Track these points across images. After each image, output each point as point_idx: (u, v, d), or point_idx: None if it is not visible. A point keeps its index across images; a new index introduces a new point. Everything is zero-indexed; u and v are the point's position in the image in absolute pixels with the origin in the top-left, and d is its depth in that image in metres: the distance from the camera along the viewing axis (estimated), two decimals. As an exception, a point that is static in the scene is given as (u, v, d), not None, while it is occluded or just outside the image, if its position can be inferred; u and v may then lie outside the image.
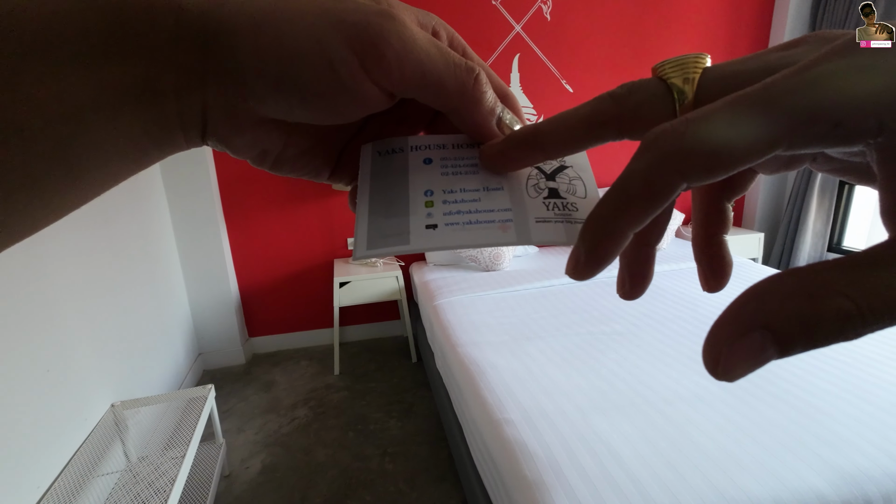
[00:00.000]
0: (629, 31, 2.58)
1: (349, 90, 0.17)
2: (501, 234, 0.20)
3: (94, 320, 1.43)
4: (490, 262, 2.30)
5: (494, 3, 2.39)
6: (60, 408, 1.20)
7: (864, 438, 0.97)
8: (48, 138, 0.14)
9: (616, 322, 1.64)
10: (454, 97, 0.19)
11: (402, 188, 0.21)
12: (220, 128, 0.18)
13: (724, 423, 1.04)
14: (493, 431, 1.09)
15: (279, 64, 0.16)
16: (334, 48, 0.16)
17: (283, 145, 0.21)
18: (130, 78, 0.15)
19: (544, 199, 0.21)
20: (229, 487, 1.58)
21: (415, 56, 0.17)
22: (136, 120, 0.16)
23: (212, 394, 1.49)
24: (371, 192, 0.21)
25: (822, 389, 1.15)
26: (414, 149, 0.22)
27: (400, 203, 0.21)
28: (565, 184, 0.21)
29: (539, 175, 0.21)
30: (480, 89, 0.19)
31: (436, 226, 0.20)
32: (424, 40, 0.18)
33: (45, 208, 0.15)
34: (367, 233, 0.20)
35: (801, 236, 2.74)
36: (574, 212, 0.21)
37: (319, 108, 0.18)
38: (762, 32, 2.78)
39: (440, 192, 0.21)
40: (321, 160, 0.23)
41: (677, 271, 2.20)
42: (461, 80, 0.18)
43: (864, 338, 1.41)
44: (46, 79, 0.13)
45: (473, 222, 0.20)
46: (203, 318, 2.40)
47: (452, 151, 0.22)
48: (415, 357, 2.43)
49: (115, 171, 0.16)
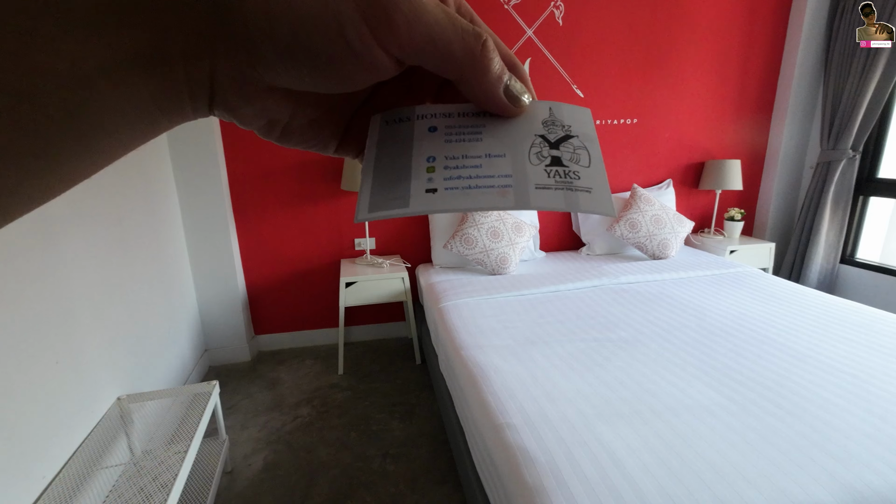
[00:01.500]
0: (641, 36, 2.57)
1: (358, 55, 0.17)
2: (500, 198, 0.20)
3: (104, 315, 1.45)
4: (496, 266, 2.30)
5: (507, 8, 2.40)
6: (68, 399, 1.22)
7: (872, 454, 0.95)
8: (59, 104, 0.14)
9: (622, 329, 1.62)
10: (462, 63, 0.19)
11: (405, 155, 0.22)
12: (229, 96, 0.18)
13: (729, 434, 1.03)
14: (495, 435, 1.08)
15: (289, 28, 0.16)
16: (344, 12, 0.16)
17: (290, 115, 0.21)
18: (140, 43, 0.15)
19: (546, 167, 0.21)
20: (231, 483, 1.59)
21: (424, 21, 0.17)
22: (144, 86, 0.16)
23: (216, 390, 1.51)
24: (376, 159, 0.22)
25: (832, 403, 1.13)
26: (420, 117, 0.23)
27: (403, 168, 0.21)
28: (569, 152, 0.22)
29: (543, 143, 0.22)
30: (488, 56, 0.19)
31: (435, 189, 0.20)
32: (433, 6, 0.18)
33: (56, 174, 0.15)
34: (370, 196, 0.20)
35: (813, 247, 2.69)
36: (576, 180, 0.21)
37: (329, 74, 0.18)
38: (777, 37, 2.75)
39: (442, 158, 0.21)
40: (329, 131, 0.24)
41: (685, 279, 2.18)
42: (469, 46, 0.18)
43: (876, 352, 1.38)
44: (58, 43, 0.13)
45: (473, 187, 0.20)
46: (210, 315, 2.42)
47: (458, 120, 0.23)
48: (419, 359, 2.43)
49: (125, 139, 0.16)
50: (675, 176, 2.85)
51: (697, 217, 2.97)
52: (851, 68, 2.45)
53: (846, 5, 2.47)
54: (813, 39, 2.66)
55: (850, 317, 1.66)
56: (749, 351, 1.42)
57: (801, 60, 2.69)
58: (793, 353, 1.40)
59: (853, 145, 2.56)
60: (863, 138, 2.53)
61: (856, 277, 2.67)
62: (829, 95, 2.60)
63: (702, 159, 2.85)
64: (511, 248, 2.31)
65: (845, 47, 2.49)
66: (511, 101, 0.21)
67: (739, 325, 1.61)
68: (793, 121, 2.80)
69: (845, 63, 2.50)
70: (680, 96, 2.72)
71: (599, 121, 2.66)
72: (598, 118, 2.65)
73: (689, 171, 2.87)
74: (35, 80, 0.13)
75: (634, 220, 2.48)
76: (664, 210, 2.52)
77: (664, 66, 2.65)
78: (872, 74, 2.36)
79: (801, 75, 2.72)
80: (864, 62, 2.39)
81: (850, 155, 2.56)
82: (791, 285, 2.05)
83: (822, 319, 1.64)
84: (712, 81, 2.73)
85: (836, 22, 2.54)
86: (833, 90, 2.57)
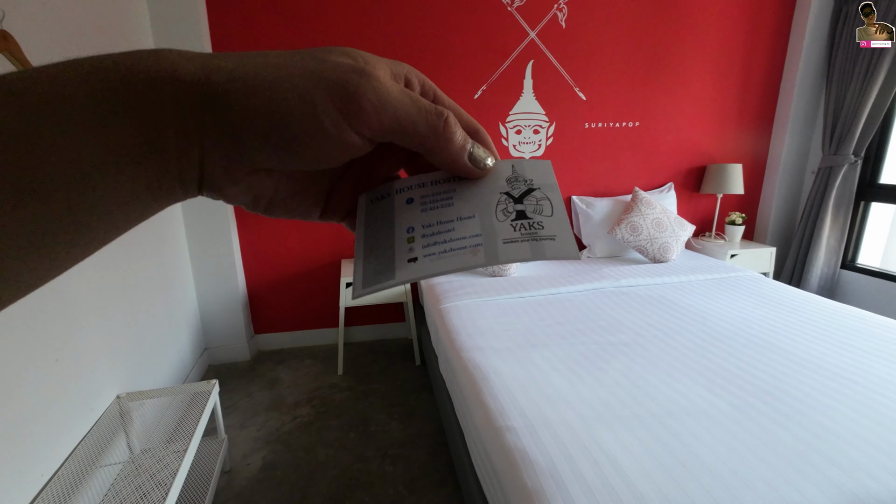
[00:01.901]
0: (643, 40, 2.57)
1: (333, 139, 0.19)
2: (472, 257, 0.22)
3: (105, 312, 1.45)
4: (497, 267, 2.30)
5: (510, 10, 2.40)
6: (67, 397, 1.21)
7: (873, 461, 0.95)
8: (60, 199, 0.15)
9: (622, 332, 1.62)
10: (427, 139, 0.21)
11: (388, 230, 0.24)
12: (217, 179, 0.20)
13: (730, 440, 1.02)
14: (495, 438, 1.08)
15: (270, 121, 0.18)
16: (319, 103, 0.18)
17: (274, 191, 0.23)
18: (135, 140, 0.16)
19: (512, 222, 0.23)
20: (230, 483, 1.59)
21: (390, 106, 0.19)
22: (139, 176, 0.17)
23: (216, 389, 1.50)
24: (365, 238, 0.24)
25: (833, 409, 1.13)
26: (399, 191, 0.25)
27: (387, 243, 0.24)
28: (532, 204, 0.23)
29: (508, 199, 0.24)
30: (450, 130, 0.21)
31: (416, 259, 0.22)
32: (397, 91, 0.20)
33: (51, 262, 0.16)
34: (363, 273, 0.23)
35: (814, 252, 2.69)
36: (540, 230, 0.23)
37: (308, 156, 0.20)
38: (780, 43, 2.75)
39: (420, 227, 0.24)
40: (311, 201, 0.25)
41: (685, 283, 2.18)
42: (432, 124, 0.21)
43: (877, 359, 1.38)
44: (58, 139, 0.14)
45: (448, 250, 0.22)
46: (210, 314, 2.42)
47: (431, 188, 0.25)
48: (418, 360, 2.43)
49: (120, 224, 0.17)
50: (677, 179, 2.85)
51: (698, 221, 2.97)
52: (854, 74, 2.45)
53: (849, 11, 2.47)
54: (815, 45, 2.66)
55: (851, 322, 1.65)
56: (749, 355, 1.42)
57: (804, 65, 2.69)
58: (793, 358, 1.39)
59: (855, 151, 2.56)
60: (864, 144, 2.53)
61: (856, 283, 2.67)
62: (831, 101, 2.60)
63: (703, 163, 2.85)
64: (512, 250, 2.31)
65: (848, 53, 2.49)
66: (475, 165, 0.23)
67: (740, 330, 1.61)
68: (794, 126, 2.80)
69: (847, 69, 2.50)
70: (682, 100, 2.72)
71: (601, 123, 2.66)
72: (599, 120, 2.66)
73: (691, 174, 2.87)
74: (38, 178, 0.14)
75: (635, 224, 2.48)
76: (665, 213, 2.52)
77: (666, 70, 2.65)
78: (874, 80, 2.36)
79: (803, 80, 2.72)
80: (867, 68, 2.39)
81: (852, 160, 2.56)
82: (792, 290, 2.05)
83: (822, 325, 1.64)
84: (714, 85, 2.73)
85: (838, 27, 2.54)
86: (835, 96, 2.57)
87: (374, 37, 2.32)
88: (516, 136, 2.59)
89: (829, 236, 2.68)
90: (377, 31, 2.32)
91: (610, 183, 2.78)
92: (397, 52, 2.35)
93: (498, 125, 2.56)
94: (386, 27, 2.32)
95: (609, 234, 2.56)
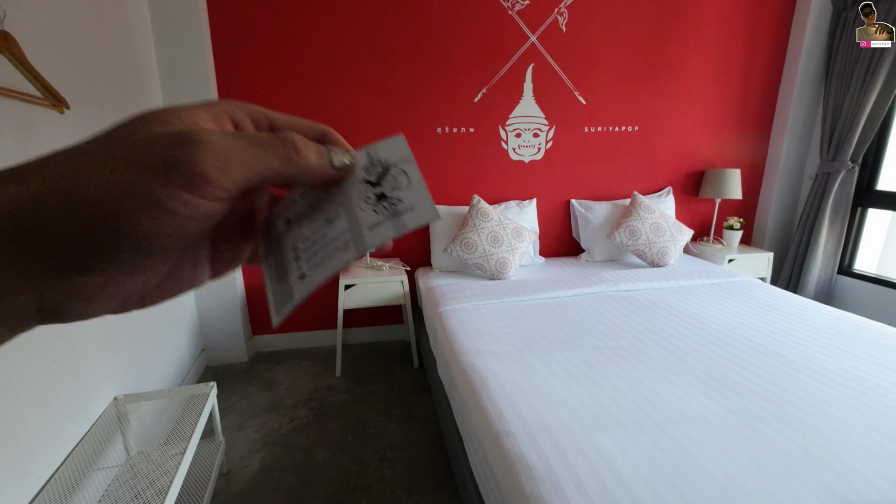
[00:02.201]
0: (643, 45, 2.58)
1: (191, 217, 0.18)
2: (345, 254, 0.23)
3: (102, 313, 1.44)
4: (496, 271, 2.30)
5: (511, 13, 2.40)
6: (64, 399, 1.21)
7: (870, 468, 0.96)
8: None
9: (621, 337, 1.62)
10: (285, 171, 0.20)
11: (280, 255, 0.25)
12: (73, 305, 0.18)
13: (728, 445, 1.03)
14: (493, 443, 1.08)
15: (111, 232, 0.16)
16: (159, 194, 0.17)
17: (141, 285, 0.21)
18: None
19: (374, 207, 0.23)
20: (227, 485, 1.58)
21: (234, 162, 0.18)
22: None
23: (214, 391, 1.50)
24: (267, 269, 0.25)
25: (831, 416, 1.13)
26: (279, 216, 0.26)
27: (283, 269, 0.24)
28: (390, 183, 0.24)
29: (367, 187, 0.24)
30: (302, 152, 0.21)
31: (304, 274, 0.23)
32: (233, 142, 0.19)
33: None
34: (274, 302, 0.24)
35: (811, 257, 2.71)
36: (400, 204, 0.23)
37: (170, 244, 0.18)
38: (779, 48, 2.77)
39: (301, 243, 0.24)
40: (190, 271, 0.24)
41: (683, 287, 2.19)
42: (283, 156, 0.20)
43: (877, 367, 1.39)
44: None
45: (326, 255, 0.23)
46: (208, 315, 2.41)
47: (303, 202, 0.26)
48: (417, 362, 2.43)
49: None
50: (675, 184, 2.86)
51: (697, 225, 2.98)
52: (852, 80, 2.47)
53: (848, 17, 2.49)
54: (814, 51, 2.68)
55: (848, 328, 1.66)
56: (747, 361, 1.43)
57: (802, 71, 2.71)
58: (790, 364, 1.40)
59: (852, 157, 2.57)
60: (862, 150, 2.54)
61: (853, 288, 2.69)
62: (830, 107, 2.61)
63: (702, 168, 2.87)
64: (511, 254, 2.32)
65: (846, 59, 2.50)
66: (339, 168, 0.23)
67: (738, 335, 1.61)
68: (793, 131, 2.82)
69: (846, 75, 2.51)
70: (681, 105, 2.73)
71: (600, 127, 2.67)
72: (599, 125, 2.66)
73: (689, 179, 2.88)
74: None
75: (634, 228, 2.49)
76: (664, 218, 2.53)
77: (666, 75, 2.66)
78: (873, 87, 2.37)
79: (801, 86, 2.74)
80: (865, 74, 2.40)
81: (850, 166, 2.57)
82: (789, 296, 2.05)
83: (819, 330, 1.65)
84: (713, 90, 2.75)
85: (837, 33, 2.56)
86: (833, 102, 2.59)
87: (375, 40, 2.32)
88: (516, 140, 2.60)
89: (827, 242, 2.70)
90: (378, 34, 2.32)
91: (609, 187, 2.79)
92: (398, 56, 2.36)
93: (498, 128, 2.56)
94: (387, 30, 2.32)
95: (608, 238, 2.56)
